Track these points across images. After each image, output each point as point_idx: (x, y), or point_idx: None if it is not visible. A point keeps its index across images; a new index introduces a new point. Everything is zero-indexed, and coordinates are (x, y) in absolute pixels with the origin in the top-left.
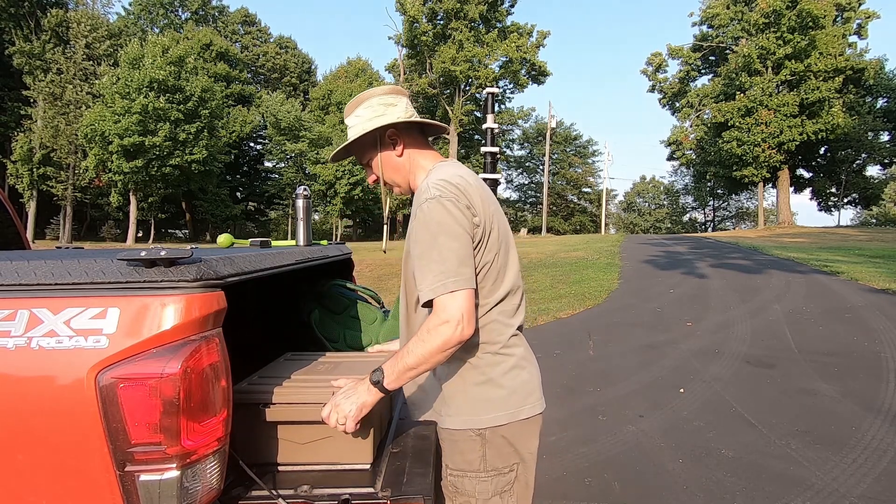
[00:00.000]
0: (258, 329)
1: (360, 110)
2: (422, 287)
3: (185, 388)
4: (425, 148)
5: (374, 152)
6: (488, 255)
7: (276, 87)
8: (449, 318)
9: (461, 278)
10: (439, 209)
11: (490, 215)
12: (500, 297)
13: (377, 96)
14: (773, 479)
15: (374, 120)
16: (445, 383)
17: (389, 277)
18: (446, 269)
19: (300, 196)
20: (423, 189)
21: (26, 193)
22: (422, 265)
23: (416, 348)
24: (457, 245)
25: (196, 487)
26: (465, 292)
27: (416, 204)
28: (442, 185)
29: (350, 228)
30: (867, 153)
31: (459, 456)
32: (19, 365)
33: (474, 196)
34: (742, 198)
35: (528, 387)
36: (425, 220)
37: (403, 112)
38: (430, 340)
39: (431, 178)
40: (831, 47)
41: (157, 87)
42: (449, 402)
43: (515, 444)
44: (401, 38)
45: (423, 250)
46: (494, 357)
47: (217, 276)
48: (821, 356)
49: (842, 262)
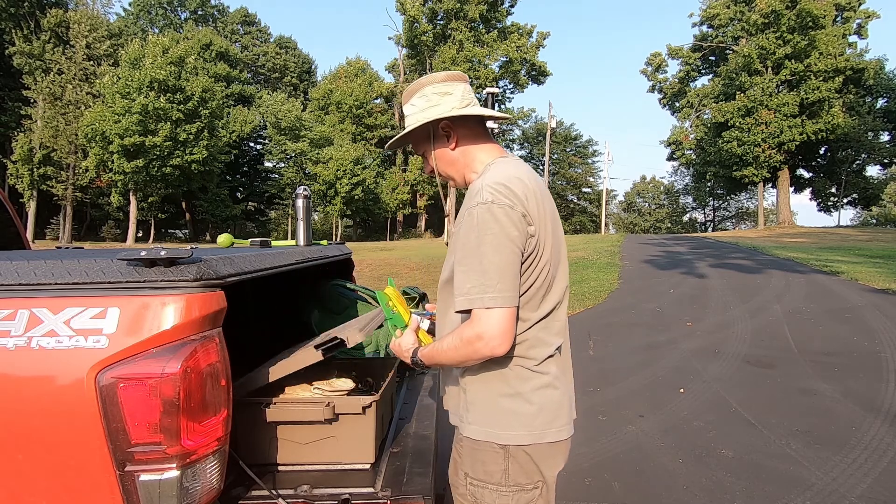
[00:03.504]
0: (258, 329)
1: (416, 99)
2: (458, 293)
3: (185, 388)
4: (484, 140)
5: (428, 145)
6: (539, 268)
7: (276, 87)
8: (483, 335)
9: (501, 295)
10: (489, 217)
11: (546, 224)
12: (546, 313)
13: (432, 84)
14: (773, 479)
15: (426, 111)
16: (470, 388)
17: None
18: (486, 281)
19: (300, 196)
20: (476, 190)
21: (26, 193)
22: (462, 270)
23: (448, 352)
24: (500, 258)
25: (196, 487)
26: (505, 311)
27: (466, 204)
28: (497, 189)
29: (350, 228)
30: (867, 153)
31: (481, 466)
32: (19, 365)
33: (532, 203)
34: (742, 198)
35: (558, 409)
36: (473, 226)
37: (458, 102)
38: (461, 349)
39: (487, 179)
40: (831, 47)
41: (157, 87)
42: (471, 408)
43: (539, 464)
44: (401, 38)
45: (465, 256)
46: (527, 372)
47: (217, 275)
48: (821, 356)
49: (842, 262)
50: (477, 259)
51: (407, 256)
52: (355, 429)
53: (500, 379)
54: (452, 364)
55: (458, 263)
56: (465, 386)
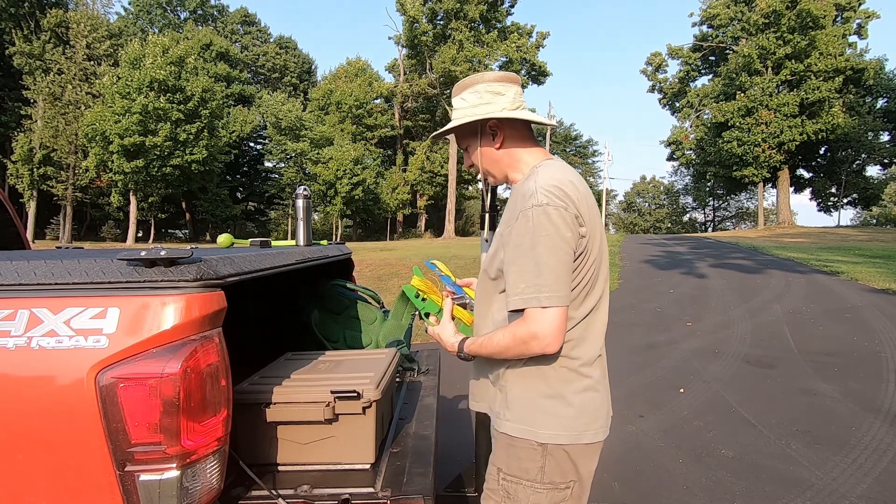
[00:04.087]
0: (258, 329)
1: (467, 94)
2: (512, 293)
3: (185, 388)
4: (529, 143)
5: (474, 140)
6: (587, 267)
7: (276, 87)
8: (538, 333)
9: (556, 294)
10: (545, 218)
11: (595, 224)
12: (588, 311)
13: (486, 82)
14: (773, 479)
15: (477, 108)
16: (511, 387)
17: (389, 277)
18: (541, 281)
19: (300, 196)
20: (529, 191)
21: (26, 193)
22: (515, 270)
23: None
24: (555, 259)
25: (196, 487)
26: (559, 310)
27: (518, 205)
28: (552, 192)
29: (350, 228)
30: (867, 153)
31: (516, 462)
32: (19, 365)
33: (583, 205)
34: (742, 198)
35: (598, 411)
36: (528, 227)
37: (510, 103)
38: (514, 347)
39: (541, 181)
40: (831, 47)
41: (157, 87)
42: (511, 406)
43: (576, 461)
44: (401, 38)
45: (519, 256)
46: (571, 374)
47: (217, 276)
48: (821, 356)
49: (842, 262)
50: (532, 260)
51: (407, 256)
52: (355, 429)
53: (541, 379)
54: (502, 356)
55: (512, 263)
56: (506, 384)
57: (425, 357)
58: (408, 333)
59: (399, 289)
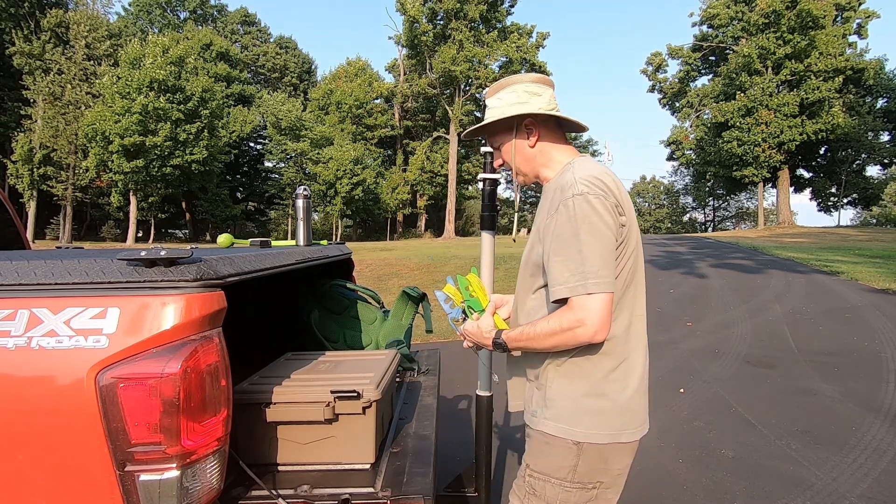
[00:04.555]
0: (258, 329)
1: (504, 94)
2: (556, 283)
3: (185, 388)
4: (561, 142)
5: (508, 138)
6: (626, 256)
7: (276, 87)
8: (585, 320)
9: (602, 280)
10: (586, 206)
11: (632, 217)
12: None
13: (523, 83)
14: (773, 479)
15: (515, 106)
16: (551, 385)
17: (389, 277)
18: (587, 268)
19: (300, 196)
20: (568, 183)
21: (26, 193)
22: (558, 260)
23: (542, 336)
24: (600, 245)
25: (196, 487)
26: (606, 296)
27: (556, 197)
28: (591, 182)
29: (350, 228)
30: (867, 153)
31: (548, 460)
32: (19, 365)
33: (622, 195)
34: (742, 198)
35: (637, 409)
36: (570, 216)
37: (546, 104)
38: (559, 335)
39: (578, 174)
40: (831, 47)
41: (157, 87)
42: (550, 405)
43: (609, 461)
44: (401, 38)
45: (562, 245)
46: (613, 372)
47: (217, 276)
48: (821, 356)
49: (842, 262)
50: (576, 248)
51: (407, 256)
52: (355, 429)
53: (583, 377)
54: (543, 349)
55: (555, 254)
56: (546, 382)
57: (425, 357)
58: (408, 333)
59: (399, 289)
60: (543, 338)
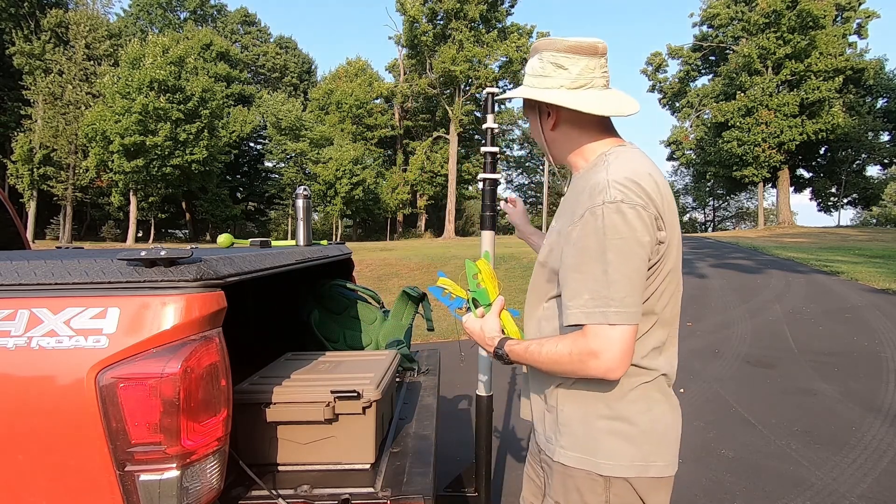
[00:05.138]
0: (258, 329)
1: (534, 60)
2: (571, 304)
3: (185, 388)
4: (593, 127)
5: (533, 114)
6: (662, 277)
7: (276, 87)
8: (599, 353)
9: (626, 311)
10: (619, 219)
11: (675, 227)
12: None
13: (552, 51)
14: (773, 479)
15: (535, 79)
16: (563, 407)
17: (389, 277)
18: (610, 294)
19: (300, 196)
20: (599, 185)
21: (26, 193)
22: (577, 278)
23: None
24: (629, 268)
25: (196, 487)
26: (629, 328)
27: (583, 201)
28: (627, 187)
29: (350, 228)
30: (867, 153)
31: (576, 495)
32: (19, 365)
33: (664, 204)
34: (742, 198)
35: (666, 437)
36: (598, 228)
37: (570, 81)
38: (567, 363)
39: (613, 173)
40: (831, 47)
41: (157, 87)
42: (563, 430)
43: (645, 497)
44: (401, 38)
45: (584, 261)
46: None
47: (217, 276)
48: (821, 356)
49: (842, 262)
50: (600, 266)
51: (407, 256)
52: (355, 429)
53: (600, 398)
54: (549, 371)
55: (575, 269)
56: (557, 404)
57: (425, 357)
58: (408, 333)
59: (399, 289)
60: (549, 362)
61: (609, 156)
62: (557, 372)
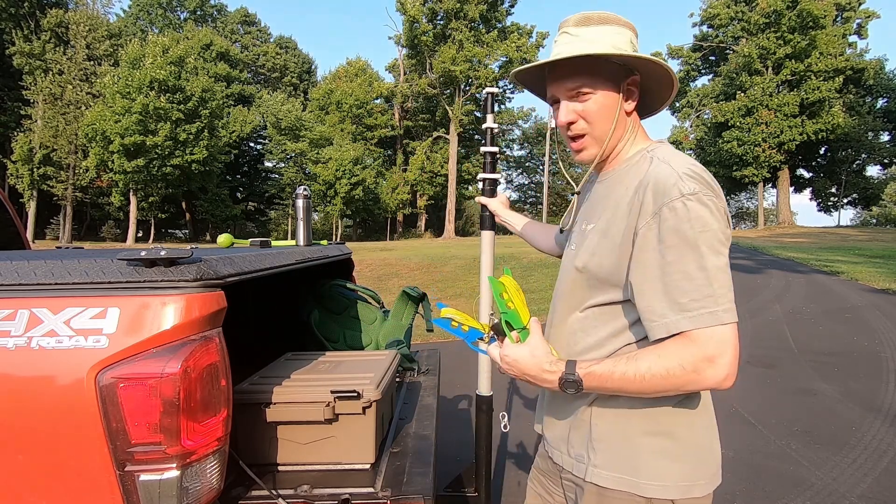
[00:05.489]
0: (258, 329)
1: (609, 30)
2: (667, 310)
3: (185, 387)
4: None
5: (610, 87)
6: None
7: (276, 87)
8: (716, 358)
9: (732, 308)
10: (704, 211)
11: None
12: None
13: (629, 30)
14: (773, 479)
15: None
16: (600, 421)
17: (389, 277)
18: (714, 291)
19: (300, 196)
20: (670, 179)
21: (26, 193)
22: (668, 282)
23: (650, 380)
24: (723, 262)
25: (196, 487)
26: (736, 326)
27: (651, 198)
28: (699, 178)
29: (350, 228)
30: (867, 153)
31: None
32: (19, 365)
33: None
34: (742, 198)
35: (711, 451)
36: (682, 223)
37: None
38: (678, 376)
39: (679, 166)
40: (831, 47)
41: (157, 87)
42: (600, 447)
43: None
44: (401, 38)
45: (673, 261)
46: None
47: (217, 276)
48: (821, 356)
49: (842, 262)
50: (695, 263)
51: (407, 256)
52: (355, 429)
53: (641, 412)
54: (641, 394)
55: (661, 272)
56: (590, 419)
57: (425, 357)
58: (408, 333)
59: (399, 289)
60: (650, 382)
61: (655, 151)
62: (658, 392)
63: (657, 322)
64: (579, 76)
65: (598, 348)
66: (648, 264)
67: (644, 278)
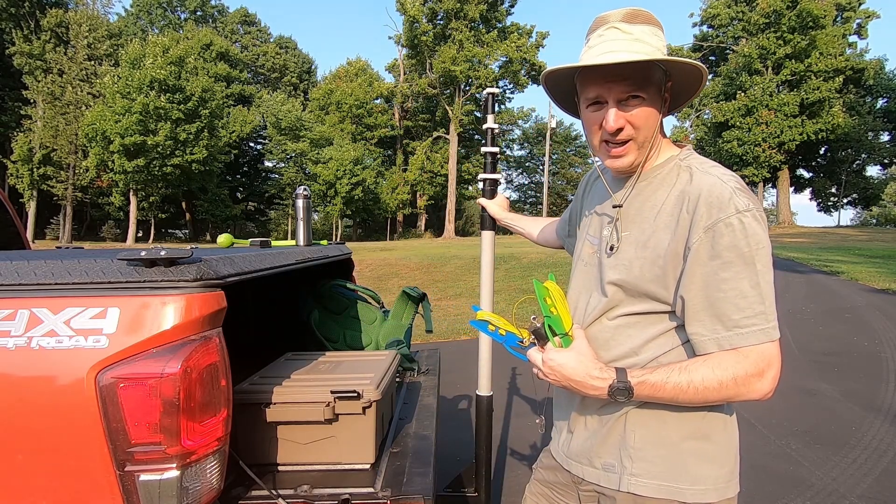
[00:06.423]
0: (258, 329)
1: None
2: (720, 326)
3: (185, 387)
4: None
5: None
6: None
7: (276, 87)
8: (766, 373)
9: (777, 324)
10: (760, 228)
11: None
12: None
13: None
14: (773, 479)
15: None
16: (639, 428)
17: (389, 277)
18: (766, 309)
19: (300, 196)
20: (724, 194)
21: (26, 193)
22: (722, 298)
23: (704, 391)
24: (771, 278)
25: (196, 487)
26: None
27: (706, 212)
28: (749, 194)
29: (350, 228)
30: (867, 153)
31: None
32: (19, 365)
33: None
34: None
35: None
36: (739, 239)
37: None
38: (731, 389)
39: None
40: (831, 47)
41: (157, 87)
42: (638, 456)
43: None
44: (401, 38)
45: (728, 278)
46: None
47: (217, 276)
48: (821, 356)
49: (842, 262)
50: (749, 280)
51: (407, 256)
52: (355, 429)
53: (681, 417)
54: (691, 404)
55: (715, 289)
56: (628, 426)
57: (425, 357)
58: (408, 333)
59: (399, 289)
60: (704, 391)
61: (690, 159)
62: (705, 402)
63: (708, 337)
64: (634, 79)
65: (633, 356)
66: (702, 279)
67: (697, 293)
